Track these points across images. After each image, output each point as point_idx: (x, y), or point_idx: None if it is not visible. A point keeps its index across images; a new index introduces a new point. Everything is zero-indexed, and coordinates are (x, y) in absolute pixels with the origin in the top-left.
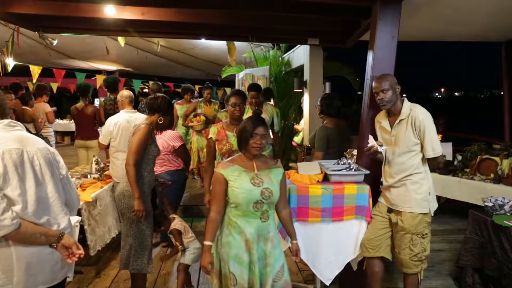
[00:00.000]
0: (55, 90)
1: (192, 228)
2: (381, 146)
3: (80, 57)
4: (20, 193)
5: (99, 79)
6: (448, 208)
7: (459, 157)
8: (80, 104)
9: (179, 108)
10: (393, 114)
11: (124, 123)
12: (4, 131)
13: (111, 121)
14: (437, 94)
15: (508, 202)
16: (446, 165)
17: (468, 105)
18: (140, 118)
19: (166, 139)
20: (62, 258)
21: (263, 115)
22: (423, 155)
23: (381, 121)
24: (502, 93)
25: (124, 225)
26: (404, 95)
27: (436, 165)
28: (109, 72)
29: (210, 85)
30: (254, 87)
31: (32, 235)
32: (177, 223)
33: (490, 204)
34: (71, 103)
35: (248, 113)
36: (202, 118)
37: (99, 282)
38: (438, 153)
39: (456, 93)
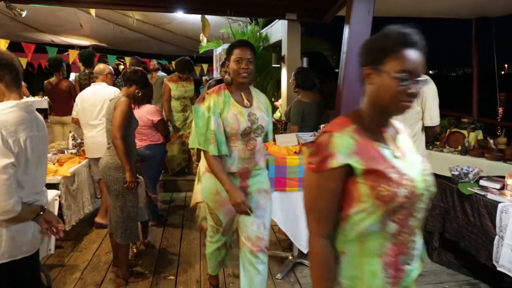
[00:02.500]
0: (24, 66)
1: (172, 202)
2: None
3: (51, 30)
4: (27, 177)
5: (72, 54)
6: None
7: None
8: (53, 79)
9: (174, 88)
10: None
11: (88, 96)
12: (26, 111)
13: (78, 95)
14: None
15: (472, 171)
16: None
17: (442, 83)
18: (107, 90)
19: (144, 113)
20: (40, 229)
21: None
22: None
23: None
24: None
25: (111, 198)
26: None
27: (432, 134)
28: (82, 47)
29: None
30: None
31: (22, 215)
32: None
33: (456, 173)
34: (42, 80)
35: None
36: None
37: (80, 255)
38: (435, 123)
39: (430, 71)
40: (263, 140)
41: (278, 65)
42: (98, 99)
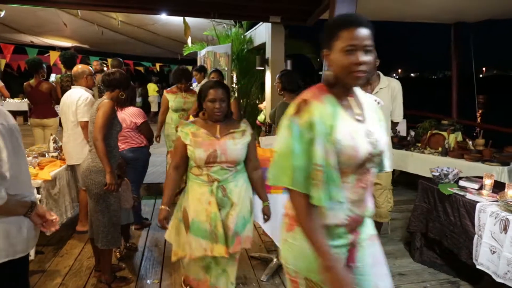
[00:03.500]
0: (2, 67)
1: (156, 205)
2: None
3: (31, 31)
4: (9, 167)
5: (53, 56)
6: (401, 181)
7: (412, 133)
8: (33, 81)
9: (172, 99)
10: (368, 84)
11: (64, 99)
12: None
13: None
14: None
15: (452, 172)
16: (400, 140)
17: (423, 86)
18: (78, 94)
19: (127, 115)
20: (34, 227)
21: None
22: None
23: None
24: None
25: (92, 202)
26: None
27: (393, 129)
28: (63, 49)
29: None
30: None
31: (12, 207)
32: None
33: (437, 174)
34: (22, 82)
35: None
36: None
37: (61, 260)
38: (400, 120)
39: (412, 74)
40: (377, 170)
41: (262, 68)
42: (71, 103)
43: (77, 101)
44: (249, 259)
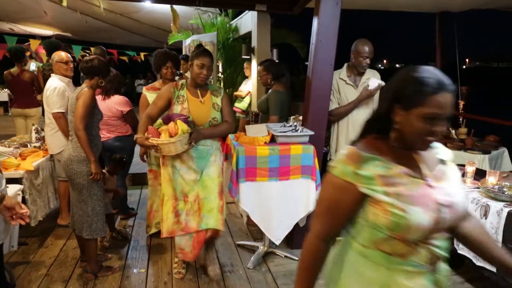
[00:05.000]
0: None
1: (142, 195)
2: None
3: (9, 18)
4: None
5: (33, 44)
6: None
7: None
8: (14, 70)
9: (152, 98)
10: (358, 75)
11: (45, 88)
12: None
13: None
14: (380, 65)
15: None
16: None
17: None
18: (50, 81)
19: (113, 103)
20: (3, 220)
21: None
22: None
23: (346, 79)
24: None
25: (75, 192)
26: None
27: None
28: (44, 37)
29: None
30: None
31: None
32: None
33: None
34: (1, 71)
35: None
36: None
37: (46, 251)
38: None
39: (397, 65)
40: None
41: (248, 57)
42: (45, 93)
43: (46, 91)
44: (236, 247)
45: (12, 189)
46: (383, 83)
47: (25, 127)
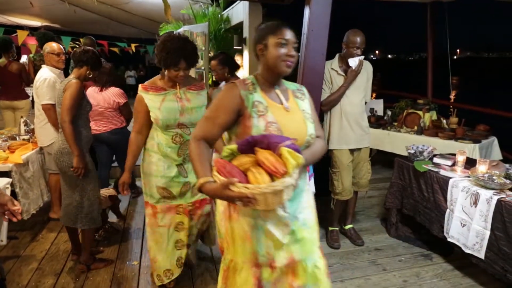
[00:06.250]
0: None
1: (134, 187)
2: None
3: None
4: None
5: (21, 36)
6: (378, 159)
7: (389, 113)
8: (2, 61)
9: (156, 102)
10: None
11: (35, 80)
12: None
13: None
14: (372, 56)
15: (427, 149)
16: (377, 120)
17: (399, 67)
18: (40, 72)
19: (110, 95)
20: None
21: None
22: None
23: (337, 69)
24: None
25: (66, 183)
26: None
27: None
28: (32, 28)
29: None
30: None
31: None
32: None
33: (412, 151)
34: None
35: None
36: None
37: (37, 245)
38: (369, 99)
39: (389, 56)
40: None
41: (240, 47)
42: (35, 84)
43: (36, 82)
44: None
45: (1, 182)
46: (362, 57)
47: (14, 120)
